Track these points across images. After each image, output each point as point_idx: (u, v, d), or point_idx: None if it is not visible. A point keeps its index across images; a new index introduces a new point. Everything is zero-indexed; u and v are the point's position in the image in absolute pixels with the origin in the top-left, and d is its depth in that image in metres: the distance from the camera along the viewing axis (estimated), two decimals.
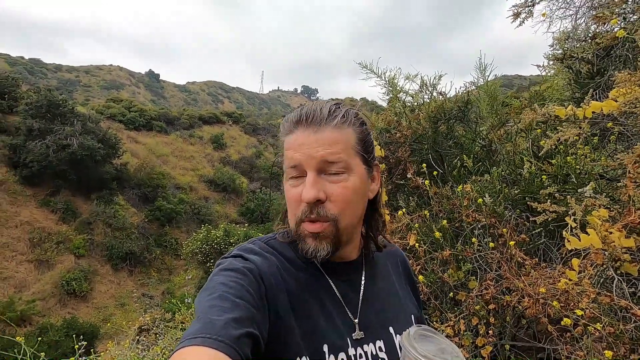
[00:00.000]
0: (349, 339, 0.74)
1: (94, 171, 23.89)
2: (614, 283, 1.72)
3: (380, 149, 2.85)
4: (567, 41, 3.15)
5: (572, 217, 1.74)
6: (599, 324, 1.58)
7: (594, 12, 3.06)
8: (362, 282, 0.83)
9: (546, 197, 2.17)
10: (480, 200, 2.30)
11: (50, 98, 23.24)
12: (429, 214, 2.44)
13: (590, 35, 3.00)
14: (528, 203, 2.23)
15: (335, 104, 0.76)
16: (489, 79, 3.31)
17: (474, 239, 2.19)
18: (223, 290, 0.64)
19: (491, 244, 2.17)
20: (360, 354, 0.74)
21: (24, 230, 20.57)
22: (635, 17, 2.77)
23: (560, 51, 3.20)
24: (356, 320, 0.77)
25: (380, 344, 0.78)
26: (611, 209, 1.84)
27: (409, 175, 2.74)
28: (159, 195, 27.17)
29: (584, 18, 3.32)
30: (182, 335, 0.57)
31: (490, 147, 3.09)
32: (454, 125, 3.24)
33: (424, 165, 2.78)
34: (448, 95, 3.29)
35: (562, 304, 1.71)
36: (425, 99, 3.45)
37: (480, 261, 2.18)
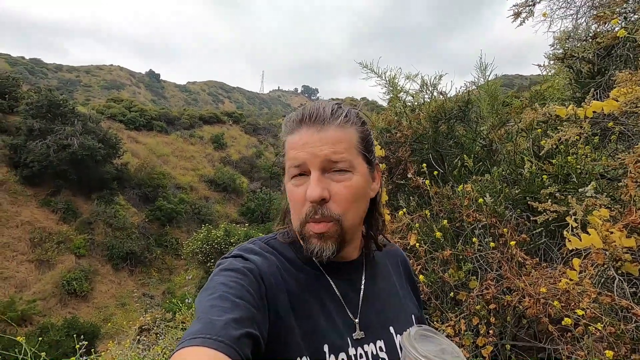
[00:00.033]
0: (349, 339, 0.74)
1: (95, 171, 23.93)
2: (615, 283, 1.72)
3: (381, 149, 2.85)
4: (567, 41, 3.14)
5: (573, 217, 1.74)
6: (599, 323, 1.58)
7: (595, 12, 3.06)
8: (363, 282, 0.82)
9: (547, 196, 2.17)
10: (481, 200, 2.30)
11: (50, 98, 23.28)
12: (429, 214, 2.44)
13: (591, 34, 2.99)
14: (529, 203, 2.22)
15: (336, 104, 0.76)
16: (490, 78, 3.30)
17: (474, 239, 2.18)
18: (223, 291, 0.64)
19: (492, 244, 2.17)
20: (361, 354, 0.74)
21: (24, 230, 20.60)
22: (636, 16, 2.77)
23: (560, 51, 3.20)
24: (357, 320, 0.77)
25: (380, 344, 0.78)
26: (612, 208, 1.84)
27: (409, 175, 2.74)
28: (159, 195, 27.20)
29: (584, 17, 3.32)
30: (183, 335, 0.57)
31: (491, 147, 3.08)
32: (454, 125, 3.23)
33: (424, 165, 2.77)
34: (448, 95, 3.29)
35: (562, 304, 1.71)
36: (426, 99, 3.45)
37: (481, 261, 2.17)
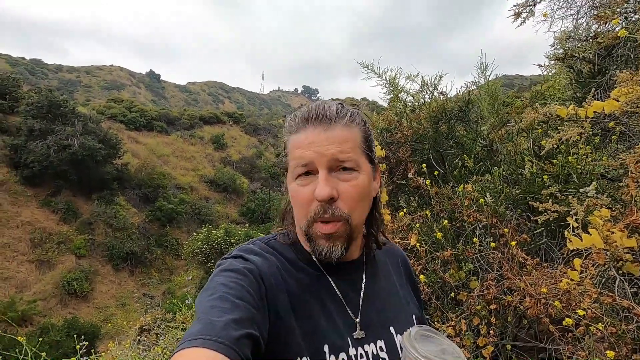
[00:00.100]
0: (349, 339, 0.74)
1: (95, 171, 23.93)
2: (616, 283, 1.71)
3: (381, 149, 2.85)
4: (568, 41, 3.14)
5: (574, 217, 1.73)
6: (600, 324, 1.58)
7: (595, 12, 3.05)
8: (364, 281, 0.82)
9: (547, 196, 2.17)
10: (481, 200, 2.29)
11: (51, 98, 23.28)
12: (430, 214, 2.44)
13: (591, 34, 2.99)
14: (529, 203, 2.22)
15: (339, 104, 0.76)
16: (490, 78, 3.30)
17: (475, 239, 2.18)
18: (223, 291, 0.64)
19: (492, 244, 2.16)
20: (361, 354, 0.74)
21: (25, 231, 20.60)
22: (636, 16, 2.77)
23: (561, 51, 3.20)
24: (357, 320, 0.77)
25: (381, 343, 0.77)
26: (613, 208, 1.83)
27: (409, 175, 2.74)
28: (159, 196, 27.20)
29: (585, 18, 3.31)
30: (183, 335, 0.57)
31: (492, 147, 3.08)
32: (454, 125, 3.23)
33: (425, 165, 2.77)
34: (449, 95, 3.29)
35: (563, 304, 1.71)
36: (426, 99, 3.45)
37: (482, 261, 2.17)
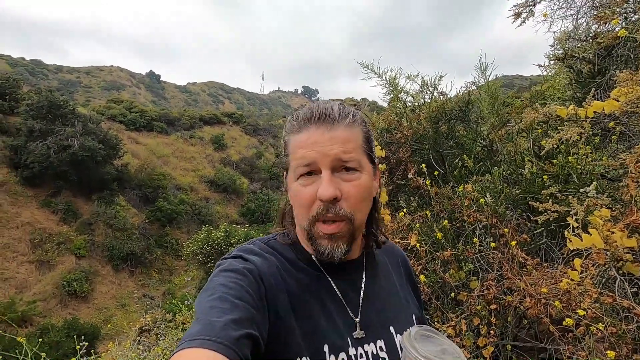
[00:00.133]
0: (349, 339, 0.74)
1: (95, 172, 23.92)
2: (616, 283, 1.71)
3: (381, 149, 2.85)
4: (568, 41, 3.14)
5: (574, 217, 1.73)
6: (601, 324, 1.57)
7: (595, 12, 3.05)
8: (363, 281, 0.82)
9: (547, 197, 2.17)
10: (481, 201, 2.29)
11: (51, 99, 23.28)
12: (430, 214, 2.43)
13: (591, 34, 2.99)
14: (529, 203, 2.22)
15: (340, 104, 0.76)
16: (490, 78, 3.31)
17: (475, 239, 2.18)
18: (223, 292, 0.64)
19: (492, 244, 2.16)
20: (361, 354, 0.74)
21: (25, 231, 20.59)
22: (636, 16, 2.77)
23: (561, 51, 3.20)
24: (357, 319, 0.77)
25: (380, 343, 0.77)
26: (613, 208, 1.83)
27: (409, 176, 2.74)
28: (159, 196, 27.18)
29: (585, 18, 3.31)
30: (183, 336, 0.57)
31: (491, 147, 3.08)
32: (454, 125, 3.23)
33: (425, 165, 2.77)
34: (449, 95, 3.29)
35: (564, 304, 1.70)
36: (426, 99, 3.45)
37: (482, 261, 2.17)
